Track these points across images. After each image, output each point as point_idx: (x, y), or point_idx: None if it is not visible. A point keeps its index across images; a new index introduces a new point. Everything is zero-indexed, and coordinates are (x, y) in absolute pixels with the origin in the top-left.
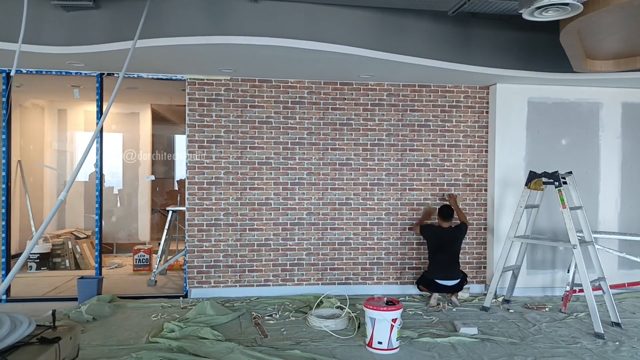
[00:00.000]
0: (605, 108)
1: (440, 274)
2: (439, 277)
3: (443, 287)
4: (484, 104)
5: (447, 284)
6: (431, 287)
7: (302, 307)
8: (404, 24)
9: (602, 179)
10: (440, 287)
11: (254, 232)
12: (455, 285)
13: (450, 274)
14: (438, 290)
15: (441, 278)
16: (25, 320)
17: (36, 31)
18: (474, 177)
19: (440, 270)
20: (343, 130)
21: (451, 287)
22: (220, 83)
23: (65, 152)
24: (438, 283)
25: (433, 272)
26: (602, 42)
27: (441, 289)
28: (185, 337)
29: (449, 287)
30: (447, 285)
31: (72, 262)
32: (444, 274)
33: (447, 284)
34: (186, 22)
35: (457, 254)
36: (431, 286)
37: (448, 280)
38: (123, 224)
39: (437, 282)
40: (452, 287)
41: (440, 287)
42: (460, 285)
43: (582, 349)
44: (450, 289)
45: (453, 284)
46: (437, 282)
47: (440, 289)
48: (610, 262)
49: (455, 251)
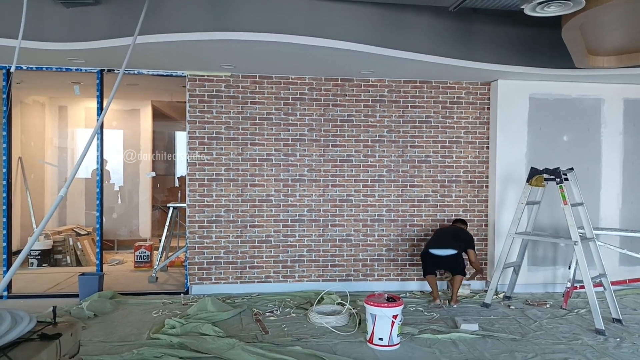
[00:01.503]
0: (607, 104)
1: (433, 243)
2: (432, 246)
3: (436, 258)
4: (485, 100)
5: (439, 253)
6: (426, 262)
7: (302, 304)
8: (405, 19)
9: (603, 176)
10: (434, 259)
11: (254, 229)
12: (450, 258)
13: (444, 243)
14: (433, 264)
15: (433, 247)
16: (26, 316)
17: (36, 27)
18: (475, 174)
19: (434, 241)
20: (344, 126)
21: (445, 260)
22: (221, 79)
23: (66, 148)
24: (431, 253)
25: (427, 245)
26: (604, 37)
27: (436, 262)
28: (186, 333)
29: (443, 258)
30: (439, 255)
31: (73, 259)
32: (437, 244)
33: (439, 253)
34: (187, 18)
35: (455, 235)
36: (426, 260)
37: (441, 249)
38: (124, 220)
39: (430, 252)
40: (446, 261)
41: (434, 259)
42: (455, 262)
43: (583, 345)
44: (444, 262)
45: (446, 254)
46: (430, 252)
47: (434, 262)
48: (611, 259)
49: (454, 233)
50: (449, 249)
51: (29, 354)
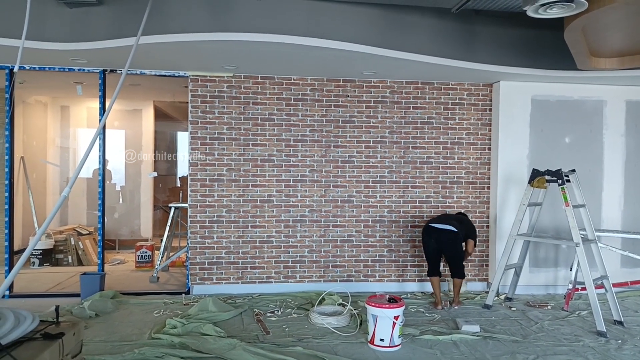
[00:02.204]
0: (609, 106)
1: (435, 219)
2: (433, 222)
3: (436, 231)
4: (487, 102)
5: (439, 227)
6: (426, 235)
7: (304, 304)
8: (407, 20)
9: (605, 177)
10: (433, 232)
11: (256, 229)
12: (449, 235)
13: (446, 220)
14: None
15: (434, 222)
16: (29, 315)
17: (39, 27)
18: (477, 175)
19: (437, 218)
20: (346, 127)
21: (445, 238)
22: (223, 80)
23: (68, 148)
24: (431, 226)
25: (429, 221)
26: (606, 39)
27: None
28: (187, 333)
29: (442, 233)
30: (439, 228)
31: (74, 259)
32: (439, 220)
33: (440, 227)
34: (189, 19)
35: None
36: (426, 234)
37: (442, 224)
38: (125, 220)
39: (430, 225)
40: (445, 239)
41: (433, 230)
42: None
43: (585, 347)
44: (443, 240)
45: (446, 228)
46: (430, 225)
47: (433, 236)
48: (613, 261)
49: (458, 217)
50: (449, 226)
51: (32, 353)
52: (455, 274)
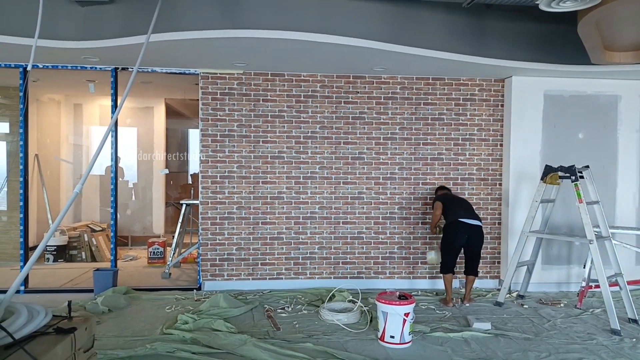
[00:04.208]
0: (623, 101)
1: (463, 212)
2: (463, 216)
3: (468, 226)
4: (499, 97)
5: (472, 222)
6: (457, 230)
7: (314, 301)
8: (417, 16)
9: (619, 174)
10: (467, 227)
11: (266, 226)
12: (480, 230)
13: (473, 214)
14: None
15: (465, 217)
16: (42, 310)
17: (51, 26)
18: (489, 172)
19: (463, 210)
20: (356, 124)
21: (476, 233)
22: (233, 77)
23: (81, 145)
24: (463, 222)
25: (456, 214)
26: (621, 33)
27: (467, 229)
28: (198, 329)
29: (475, 228)
30: (472, 224)
31: (88, 255)
32: (467, 214)
33: (472, 223)
34: (199, 16)
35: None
36: (457, 229)
37: (472, 219)
38: (138, 217)
39: (462, 221)
40: (477, 234)
41: (466, 226)
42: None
43: (598, 345)
44: (475, 236)
45: (478, 224)
46: (462, 220)
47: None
48: (627, 258)
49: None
50: (478, 221)
51: (44, 348)
52: (473, 271)
